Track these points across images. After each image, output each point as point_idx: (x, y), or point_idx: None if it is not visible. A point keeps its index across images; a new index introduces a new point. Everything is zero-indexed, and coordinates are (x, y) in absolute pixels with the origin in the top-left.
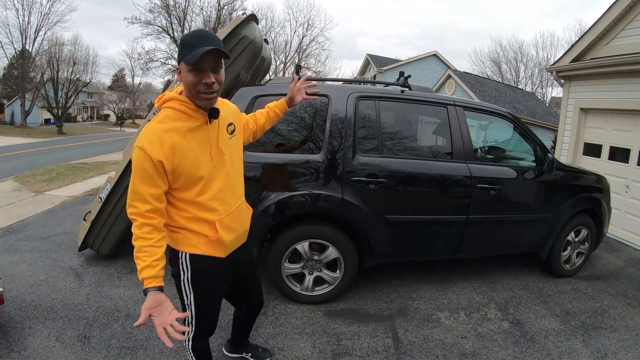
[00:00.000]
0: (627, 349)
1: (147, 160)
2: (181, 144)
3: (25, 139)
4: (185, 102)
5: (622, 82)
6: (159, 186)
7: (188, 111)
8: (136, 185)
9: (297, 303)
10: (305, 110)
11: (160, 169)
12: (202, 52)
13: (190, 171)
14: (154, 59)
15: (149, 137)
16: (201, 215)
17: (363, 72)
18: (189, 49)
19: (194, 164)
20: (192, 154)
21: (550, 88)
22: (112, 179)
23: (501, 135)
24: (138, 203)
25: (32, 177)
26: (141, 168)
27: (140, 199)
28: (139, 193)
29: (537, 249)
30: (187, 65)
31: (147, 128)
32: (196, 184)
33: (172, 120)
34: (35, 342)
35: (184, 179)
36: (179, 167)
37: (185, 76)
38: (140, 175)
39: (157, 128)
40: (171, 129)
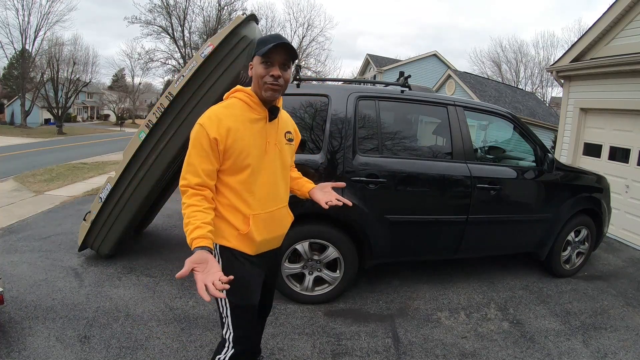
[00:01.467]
0: (627, 349)
1: (204, 136)
2: (238, 128)
3: (25, 139)
4: (250, 94)
5: (622, 82)
6: (211, 163)
7: (251, 103)
8: (191, 158)
9: (297, 303)
10: (305, 110)
11: (214, 147)
12: (274, 44)
13: (239, 156)
14: (154, 59)
15: (210, 115)
16: (238, 205)
17: (363, 72)
18: (263, 44)
19: (244, 151)
20: (246, 141)
21: (550, 88)
22: (112, 179)
23: (501, 135)
24: (190, 175)
25: (32, 177)
26: (198, 142)
27: (192, 171)
28: (193, 165)
29: (537, 249)
30: (259, 57)
31: (211, 109)
32: (242, 170)
33: (234, 107)
34: (35, 342)
35: (231, 162)
36: (230, 150)
37: (256, 68)
38: (196, 149)
39: (219, 110)
40: (232, 114)
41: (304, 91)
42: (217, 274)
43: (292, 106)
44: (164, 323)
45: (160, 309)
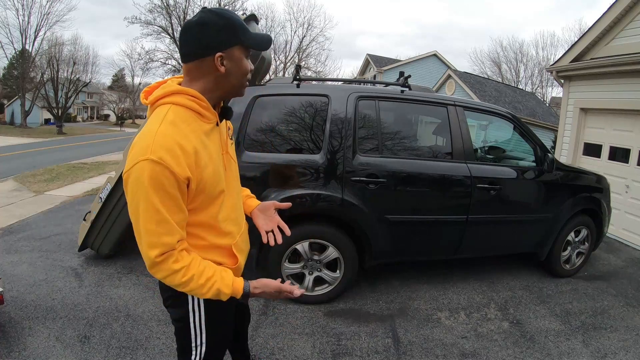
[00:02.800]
0: (627, 349)
1: (167, 178)
2: (201, 152)
3: (25, 139)
4: (196, 97)
5: (622, 82)
6: (183, 210)
7: (200, 109)
8: (161, 214)
9: (297, 303)
10: (305, 110)
11: (183, 188)
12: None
13: (212, 186)
14: (154, 59)
15: (167, 145)
16: (217, 242)
17: (363, 72)
18: (247, 32)
19: (216, 177)
20: (212, 163)
21: (550, 88)
22: (112, 179)
23: (501, 135)
24: (167, 237)
25: (32, 177)
26: (160, 189)
27: (169, 231)
28: (168, 223)
29: (537, 249)
30: (249, 49)
31: (157, 133)
32: (215, 200)
33: (184, 121)
34: (35, 342)
35: (204, 197)
36: (202, 182)
37: (239, 64)
38: (161, 200)
39: (173, 133)
40: (187, 132)
41: (304, 91)
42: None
43: (292, 106)
44: (164, 323)
45: (160, 309)
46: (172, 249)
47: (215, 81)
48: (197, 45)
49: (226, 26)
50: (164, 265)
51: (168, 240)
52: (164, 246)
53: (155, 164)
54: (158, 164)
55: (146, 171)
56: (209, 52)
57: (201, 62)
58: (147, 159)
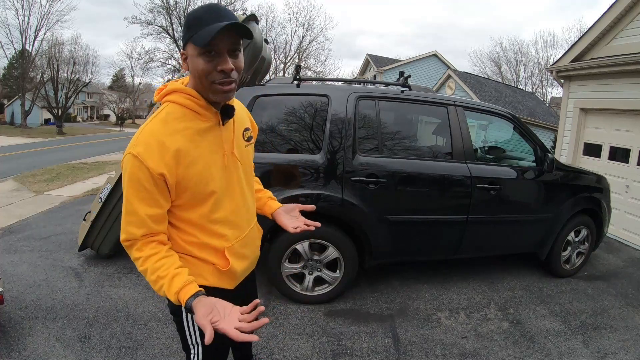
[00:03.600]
0: (627, 349)
1: (143, 172)
2: (188, 149)
3: (25, 139)
4: (193, 96)
5: (622, 82)
6: (159, 205)
7: (196, 108)
8: (130, 204)
9: (297, 303)
10: (305, 110)
11: (161, 184)
12: (218, 29)
13: (198, 185)
14: (154, 59)
15: (147, 141)
16: (208, 241)
17: (363, 72)
18: (198, 27)
19: (204, 176)
20: (202, 162)
21: (550, 88)
22: (112, 179)
23: (501, 135)
24: (133, 227)
25: (32, 177)
26: (136, 181)
27: (135, 222)
28: (135, 214)
29: (537, 249)
30: (197, 47)
31: (145, 129)
32: (205, 201)
33: (176, 119)
34: (35, 342)
35: (189, 195)
36: (184, 180)
37: (194, 63)
38: (135, 191)
39: (158, 130)
40: (176, 130)
41: (304, 91)
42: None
43: (292, 106)
44: (164, 323)
45: (160, 309)
46: (136, 239)
47: (192, 79)
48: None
49: (185, 22)
50: (129, 250)
51: (133, 230)
52: (127, 233)
53: (134, 158)
54: (136, 158)
55: (128, 164)
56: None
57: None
58: (129, 153)
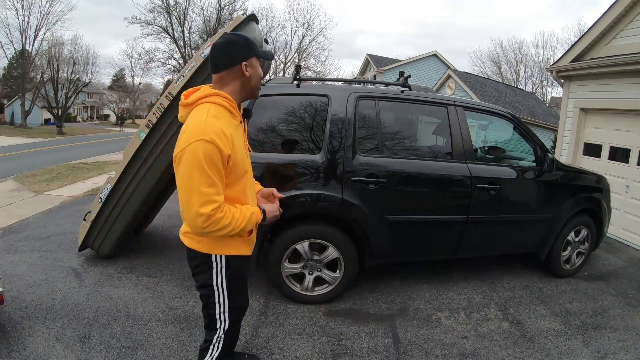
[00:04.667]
0: (627, 349)
1: (217, 154)
2: (234, 138)
3: (25, 139)
4: (228, 98)
5: (622, 82)
6: (224, 180)
7: (231, 108)
8: (211, 179)
9: (297, 303)
10: (305, 110)
11: (225, 164)
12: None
13: (239, 167)
14: (154, 59)
15: (215, 130)
16: None
17: (363, 72)
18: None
19: (242, 159)
20: (239, 149)
21: (550, 88)
22: (112, 179)
23: (501, 135)
24: (217, 196)
25: (32, 177)
26: (211, 162)
27: (217, 192)
28: (215, 186)
29: (537, 249)
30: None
31: (206, 122)
32: (241, 179)
33: (222, 115)
34: (35, 342)
35: (234, 175)
36: (234, 162)
37: (257, 70)
38: (211, 169)
39: (216, 123)
40: (226, 124)
41: (304, 91)
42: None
43: (292, 106)
44: (164, 323)
45: (160, 309)
46: (221, 204)
47: (241, 85)
48: (226, 58)
49: (247, 43)
50: (214, 217)
51: (218, 199)
52: (215, 202)
53: (208, 143)
54: (210, 143)
55: (200, 148)
56: (236, 62)
57: (230, 71)
58: (200, 140)
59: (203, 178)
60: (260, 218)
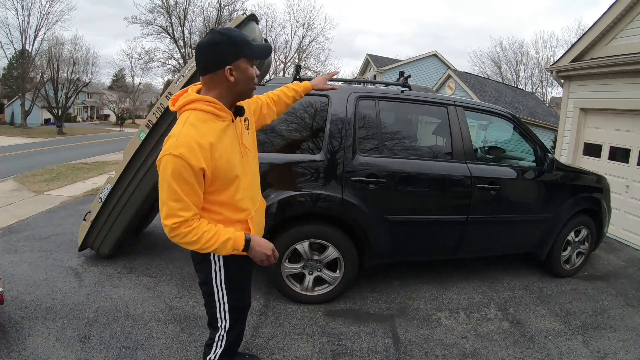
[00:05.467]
0: (627, 349)
1: (186, 169)
2: (217, 146)
3: (25, 139)
4: (212, 102)
5: (622, 82)
6: (198, 194)
7: (216, 111)
8: (178, 194)
9: (297, 303)
10: (305, 110)
11: (200, 177)
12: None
13: (227, 173)
14: (154, 59)
15: (187, 143)
16: (233, 217)
17: (363, 72)
18: (249, 44)
19: (230, 165)
20: (227, 154)
21: (550, 88)
22: (112, 179)
23: (501, 135)
24: (184, 212)
25: (32, 177)
26: (180, 178)
27: (184, 207)
28: (183, 201)
29: (537, 249)
30: (254, 59)
31: (180, 134)
32: (231, 184)
33: (203, 122)
34: (35, 342)
35: (220, 182)
36: (217, 171)
37: (246, 72)
38: (180, 186)
39: (191, 133)
40: (205, 132)
41: None
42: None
43: (292, 106)
44: (164, 323)
45: (160, 309)
46: (187, 220)
47: (227, 89)
48: (210, 61)
49: (233, 43)
50: (178, 230)
51: (183, 214)
52: (179, 217)
53: (176, 158)
54: (178, 158)
55: (170, 163)
56: (220, 66)
57: (215, 74)
58: (169, 154)
59: (170, 193)
60: (240, 247)
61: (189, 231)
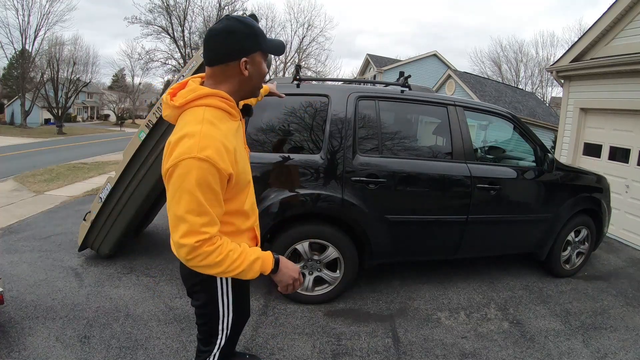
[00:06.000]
0: (627, 349)
1: (213, 175)
2: (236, 147)
3: (25, 139)
4: (227, 99)
5: (622, 82)
6: (221, 205)
7: (229, 109)
8: (203, 206)
9: (297, 303)
10: (305, 110)
11: (224, 184)
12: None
13: (243, 177)
14: (154, 59)
15: (213, 144)
16: (242, 226)
17: (363, 72)
18: (265, 38)
19: (245, 168)
20: (242, 157)
21: (550, 88)
22: (112, 179)
23: (501, 135)
24: (209, 227)
25: (32, 177)
26: (205, 184)
27: (210, 222)
28: (208, 215)
29: (537, 249)
30: (268, 54)
31: (202, 133)
32: (244, 190)
33: (220, 121)
34: (35, 342)
35: (237, 187)
36: (237, 175)
37: (259, 67)
38: (204, 194)
39: (216, 133)
40: (226, 133)
41: (304, 91)
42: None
43: (292, 106)
44: (164, 323)
45: (160, 309)
46: (213, 236)
47: (239, 83)
48: (224, 51)
49: (251, 34)
50: (199, 250)
51: (208, 230)
52: (203, 234)
53: (203, 162)
54: (205, 162)
55: (194, 168)
56: (235, 57)
57: (227, 66)
58: (194, 157)
59: (192, 205)
60: (268, 268)
61: (212, 250)
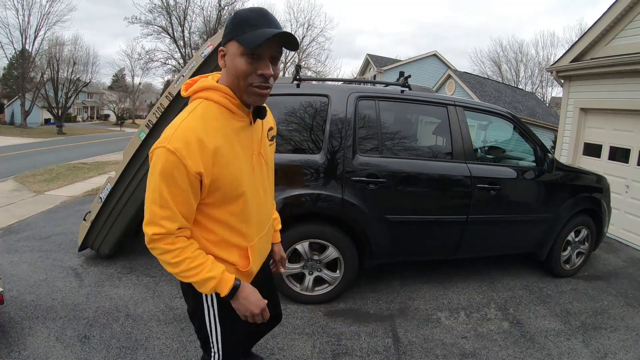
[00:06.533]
0: (627, 349)
1: (180, 170)
2: (225, 149)
3: (25, 139)
4: (229, 95)
5: (622, 82)
6: (190, 204)
7: (232, 107)
8: (163, 199)
9: (297, 303)
10: (305, 110)
11: (195, 183)
12: (270, 35)
13: (231, 186)
14: (154, 59)
15: (186, 137)
16: (231, 240)
17: (363, 72)
18: (246, 27)
19: (236, 177)
20: (235, 163)
21: (550, 88)
22: (112, 179)
23: (501, 135)
24: (167, 222)
25: (32, 177)
26: (171, 178)
27: (169, 217)
28: (168, 209)
29: (537, 249)
30: (243, 47)
31: (181, 125)
32: (234, 201)
33: (214, 117)
34: (35, 342)
35: (221, 195)
36: (218, 180)
37: (235, 62)
38: (169, 187)
39: (195, 125)
40: (215, 128)
41: (304, 91)
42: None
43: (292, 106)
44: (164, 323)
45: (160, 309)
46: (170, 233)
47: (227, 78)
48: None
49: (232, 20)
50: (158, 243)
51: (167, 224)
52: (161, 227)
53: (169, 153)
54: (172, 154)
55: (161, 158)
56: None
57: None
58: (163, 147)
59: (155, 195)
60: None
61: (169, 249)
